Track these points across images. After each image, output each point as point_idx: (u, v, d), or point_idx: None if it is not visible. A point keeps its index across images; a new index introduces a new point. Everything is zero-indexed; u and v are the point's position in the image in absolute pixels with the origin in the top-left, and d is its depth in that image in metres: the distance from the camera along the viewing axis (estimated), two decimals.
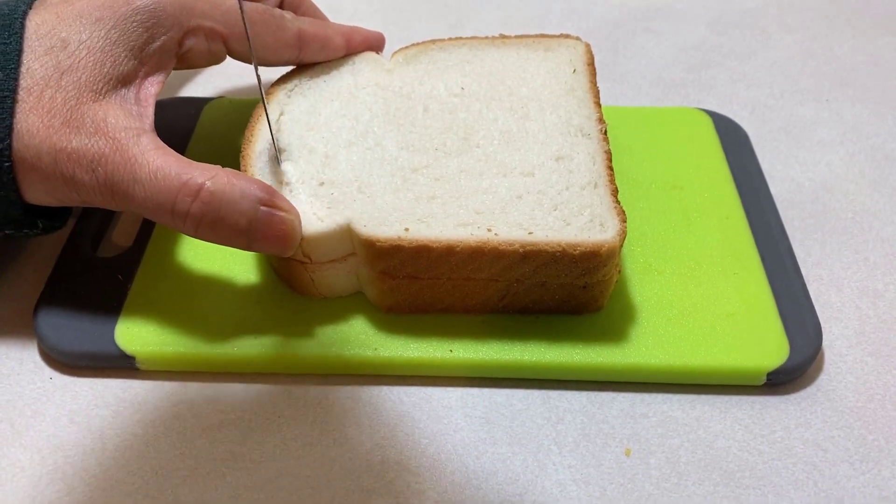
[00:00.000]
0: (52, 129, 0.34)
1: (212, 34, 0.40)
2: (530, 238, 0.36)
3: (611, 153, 0.40)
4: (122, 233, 0.45)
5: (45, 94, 0.35)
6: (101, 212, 0.45)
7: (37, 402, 0.38)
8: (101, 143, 0.35)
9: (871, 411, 0.37)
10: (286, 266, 0.39)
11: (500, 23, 0.63)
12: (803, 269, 0.43)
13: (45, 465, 0.35)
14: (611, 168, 0.40)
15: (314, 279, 0.39)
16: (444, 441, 0.36)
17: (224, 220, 0.35)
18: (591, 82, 0.45)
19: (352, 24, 0.47)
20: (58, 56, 0.36)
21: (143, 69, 0.38)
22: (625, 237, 0.37)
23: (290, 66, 0.45)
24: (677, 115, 0.51)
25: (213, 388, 0.38)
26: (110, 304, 0.40)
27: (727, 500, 0.34)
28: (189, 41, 0.40)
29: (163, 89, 0.39)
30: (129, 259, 0.42)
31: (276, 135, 0.41)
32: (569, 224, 0.37)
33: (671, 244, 0.43)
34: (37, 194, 0.36)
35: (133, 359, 0.38)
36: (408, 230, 0.37)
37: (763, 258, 0.42)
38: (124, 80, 0.37)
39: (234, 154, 0.41)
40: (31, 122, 0.34)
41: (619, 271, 0.39)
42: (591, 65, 0.46)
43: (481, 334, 0.39)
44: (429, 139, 0.42)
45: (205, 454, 0.36)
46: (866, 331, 0.41)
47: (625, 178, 0.46)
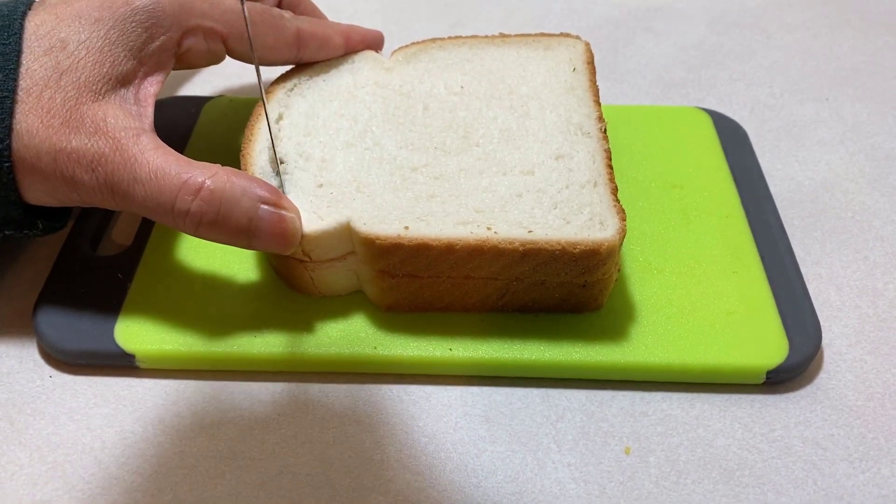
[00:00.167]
0: (51, 130, 0.34)
1: (211, 34, 0.40)
2: (530, 236, 0.36)
3: (610, 152, 0.40)
4: (121, 232, 0.45)
5: (44, 94, 0.35)
6: (100, 211, 0.45)
7: (36, 401, 0.38)
8: (100, 142, 0.35)
9: (870, 410, 0.37)
10: (286, 265, 0.39)
11: (500, 22, 0.63)
12: (803, 268, 0.43)
13: (44, 464, 0.35)
14: (610, 167, 0.40)
15: (314, 278, 0.39)
16: (443, 439, 0.36)
17: (225, 219, 0.35)
18: (591, 81, 0.45)
19: (351, 23, 0.47)
20: (57, 56, 0.36)
21: (143, 69, 0.38)
22: (624, 236, 0.37)
23: (290, 65, 0.45)
24: (677, 115, 0.51)
25: (212, 386, 0.38)
26: (110, 302, 0.40)
27: (727, 498, 0.34)
28: (188, 41, 0.40)
29: (162, 89, 0.39)
30: (129, 258, 0.42)
31: (275, 134, 0.41)
32: (568, 222, 0.37)
33: (671, 243, 0.43)
34: (37, 194, 0.36)
35: (133, 357, 0.38)
36: (407, 228, 0.37)
37: (763, 257, 0.42)
38: (123, 79, 0.37)
39: (234, 153, 0.41)
40: (31, 122, 0.34)
41: (619, 270, 0.39)
42: (591, 63, 0.46)
43: (481, 333, 0.39)
44: (428, 138, 0.42)
45: (204, 452, 0.36)
46: (866, 329, 0.41)
47: (624, 177, 0.46)
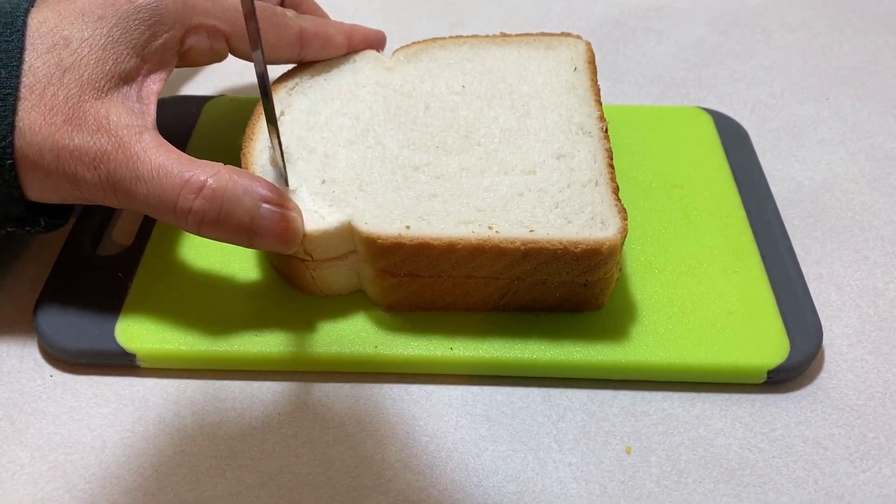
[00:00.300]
0: (54, 127, 0.34)
1: (214, 32, 0.40)
2: (531, 236, 0.36)
3: (612, 151, 0.40)
4: (122, 231, 0.45)
5: (47, 91, 0.35)
6: (101, 210, 0.45)
7: (37, 400, 0.38)
8: (103, 140, 0.35)
9: (871, 409, 0.37)
10: (287, 264, 0.39)
11: (500, 21, 0.63)
12: (803, 268, 0.43)
13: (45, 463, 0.35)
14: (612, 166, 0.40)
15: (315, 277, 0.39)
16: (444, 439, 0.36)
17: (227, 218, 0.35)
18: (592, 80, 0.45)
19: (353, 22, 0.47)
20: (60, 54, 0.35)
21: (145, 67, 0.38)
22: (626, 235, 0.37)
23: (291, 64, 0.45)
24: (678, 114, 0.51)
25: (213, 385, 0.38)
26: (111, 301, 0.40)
27: (728, 497, 0.34)
28: (191, 39, 0.40)
29: (165, 87, 0.39)
30: (130, 257, 0.42)
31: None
32: (570, 222, 0.37)
33: (672, 242, 0.43)
34: (39, 192, 0.36)
35: (133, 356, 0.38)
36: (409, 228, 0.37)
37: (763, 257, 0.42)
38: (126, 77, 0.37)
39: (235, 152, 0.41)
40: (34, 119, 0.34)
41: (620, 269, 0.40)
42: (592, 63, 0.46)
43: (482, 332, 0.39)
44: (430, 137, 0.42)
45: (205, 451, 0.36)
46: (866, 329, 0.41)
47: (625, 177, 0.46)
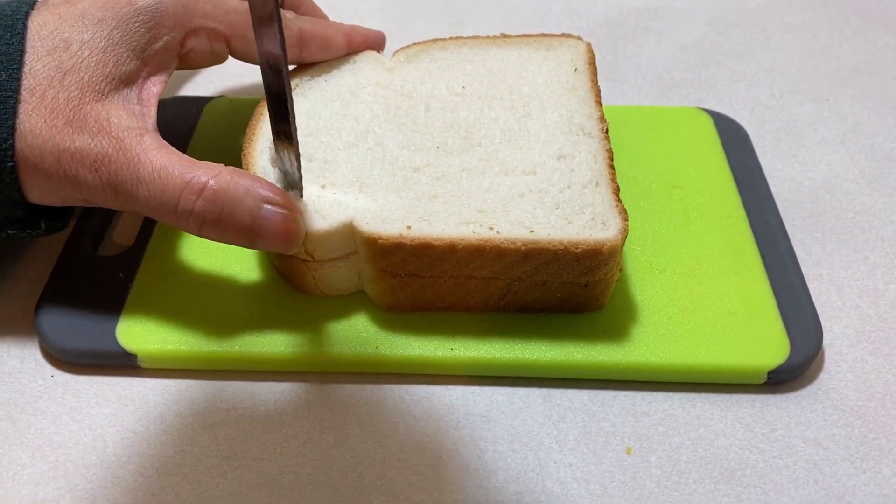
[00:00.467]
0: (54, 129, 0.35)
1: (214, 35, 0.40)
2: (532, 236, 0.36)
3: (612, 152, 0.41)
4: (123, 231, 0.45)
5: (47, 94, 0.35)
6: (101, 210, 0.45)
7: (38, 400, 0.38)
8: (104, 142, 0.35)
9: (871, 410, 0.38)
10: (288, 264, 0.39)
11: (500, 21, 0.63)
12: (803, 269, 0.43)
13: (46, 463, 0.35)
14: (612, 167, 0.40)
15: (316, 277, 0.39)
16: (444, 439, 0.36)
17: (228, 219, 0.35)
18: (593, 81, 0.45)
19: (352, 23, 0.47)
20: (60, 56, 0.36)
21: (146, 69, 0.38)
22: (626, 236, 0.37)
23: (292, 65, 0.45)
24: (678, 115, 0.51)
25: (214, 385, 0.38)
26: (111, 302, 0.40)
27: (728, 498, 0.34)
28: (191, 42, 0.40)
29: (165, 89, 0.39)
30: (131, 257, 0.42)
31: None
32: (570, 222, 0.37)
33: (672, 243, 0.43)
34: (40, 194, 0.36)
35: (134, 357, 0.38)
36: (410, 228, 0.37)
37: (763, 257, 0.42)
38: (127, 79, 0.37)
39: (236, 153, 0.41)
40: (34, 122, 0.34)
41: (621, 270, 0.40)
42: (593, 64, 0.46)
43: (482, 333, 0.39)
44: (430, 138, 0.42)
45: (206, 452, 0.36)
46: (867, 330, 0.41)
47: (625, 178, 0.46)
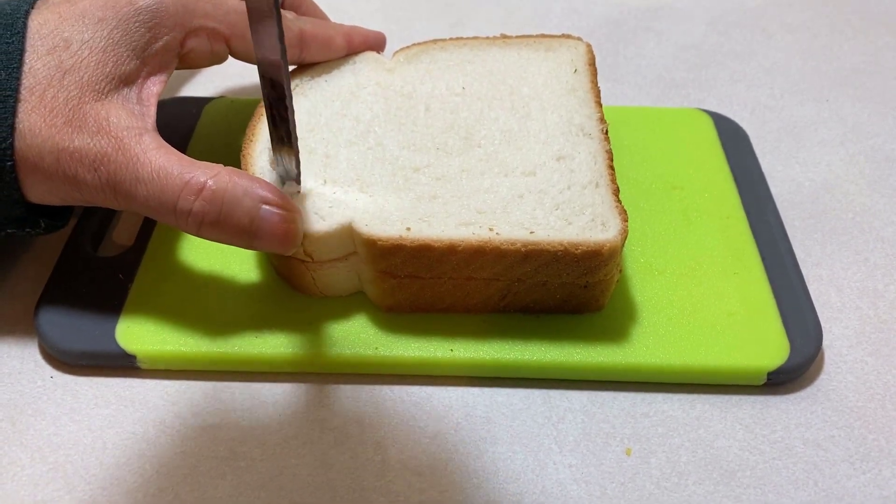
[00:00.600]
0: (54, 129, 0.34)
1: (214, 35, 0.40)
2: (532, 237, 0.36)
3: (612, 153, 0.40)
4: (122, 232, 0.45)
5: (47, 93, 0.35)
6: (101, 211, 0.45)
7: (37, 401, 0.38)
8: (103, 142, 0.35)
9: (871, 411, 0.38)
10: (287, 265, 0.39)
11: (500, 22, 0.63)
12: (803, 269, 0.43)
13: (45, 464, 0.35)
14: (612, 168, 0.40)
15: (315, 278, 0.39)
16: (444, 440, 0.36)
17: (227, 219, 0.35)
18: (592, 82, 0.45)
19: (353, 23, 0.47)
20: (60, 56, 0.35)
21: (146, 69, 0.38)
22: (626, 236, 0.37)
23: (291, 66, 0.45)
24: (678, 116, 0.51)
25: (213, 386, 0.38)
26: (111, 303, 0.40)
27: (727, 499, 0.34)
28: (191, 42, 0.40)
29: (165, 89, 0.39)
30: (130, 258, 0.42)
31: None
32: (570, 223, 0.37)
33: (672, 244, 0.43)
34: (39, 193, 0.36)
35: (134, 358, 0.38)
36: (409, 229, 0.37)
37: (763, 258, 0.42)
38: (126, 79, 0.37)
39: (235, 153, 0.41)
40: (34, 121, 0.34)
41: (620, 271, 0.40)
42: (593, 65, 0.46)
43: (482, 334, 0.39)
44: (430, 139, 0.42)
45: (205, 453, 0.36)
46: (866, 331, 0.41)
47: (625, 179, 0.46)
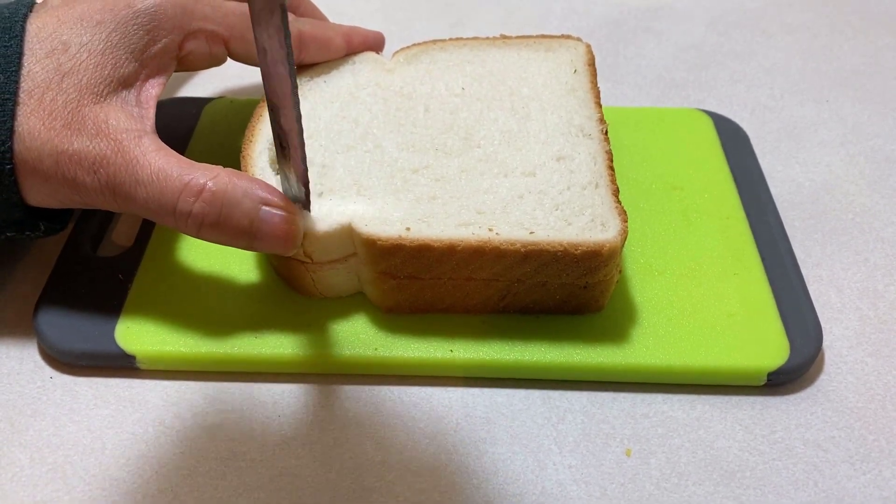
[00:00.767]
0: (53, 132, 0.34)
1: (213, 37, 0.40)
2: (531, 238, 0.36)
3: (612, 153, 0.40)
4: (122, 232, 0.45)
5: (45, 96, 0.35)
6: (101, 212, 0.45)
7: (37, 402, 0.38)
8: (102, 144, 0.35)
9: (871, 412, 0.37)
10: (287, 266, 0.39)
11: (500, 22, 0.63)
12: (803, 270, 0.43)
13: (44, 465, 0.35)
14: (612, 168, 0.40)
15: (315, 279, 0.39)
16: (444, 441, 0.36)
17: (226, 221, 0.35)
18: (592, 83, 0.45)
19: (352, 23, 0.47)
20: (59, 59, 0.35)
21: (144, 71, 0.38)
22: (626, 237, 0.37)
23: None
24: (678, 116, 0.51)
25: (213, 387, 0.38)
26: (110, 303, 0.40)
27: (727, 500, 0.34)
28: (190, 44, 0.40)
29: (164, 91, 0.39)
30: (130, 259, 0.42)
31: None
32: (570, 224, 0.37)
33: (672, 245, 0.43)
34: (38, 196, 0.36)
35: (133, 358, 0.38)
36: (409, 230, 0.37)
37: (763, 259, 0.42)
38: (125, 82, 0.37)
39: (235, 154, 0.41)
40: (33, 124, 0.34)
41: (620, 271, 0.39)
42: (592, 65, 0.46)
43: (482, 334, 0.39)
44: (430, 139, 0.42)
45: (205, 454, 0.36)
46: (866, 331, 0.41)
47: (625, 179, 0.46)
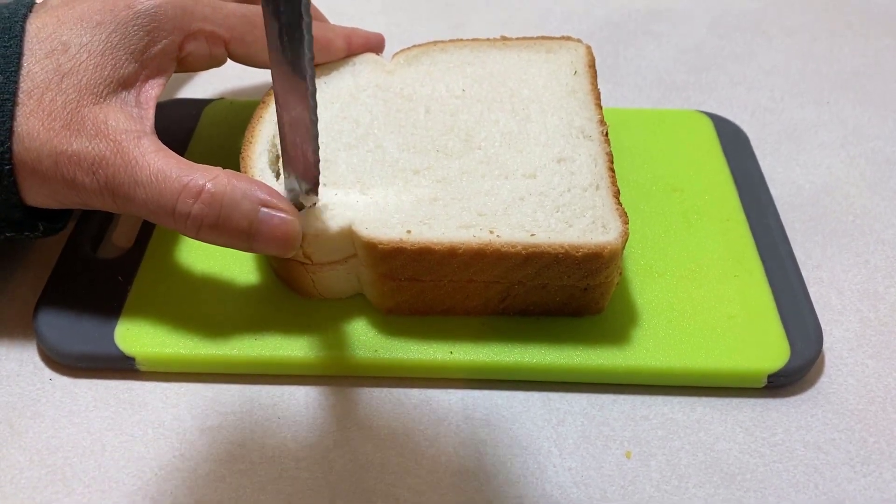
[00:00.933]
0: (52, 132, 0.34)
1: (213, 38, 0.40)
2: (532, 240, 0.36)
3: (612, 155, 0.40)
4: (122, 234, 0.45)
5: (45, 97, 0.35)
6: (100, 213, 0.45)
7: (36, 404, 0.38)
8: (101, 145, 0.35)
9: (871, 414, 0.37)
10: (287, 267, 0.39)
11: (500, 24, 0.63)
12: (804, 272, 0.43)
13: (44, 467, 0.35)
14: (612, 170, 0.40)
15: (315, 280, 0.39)
16: (444, 443, 0.36)
17: (225, 222, 0.35)
18: (593, 84, 0.45)
19: (353, 24, 0.47)
20: (58, 59, 0.35)
21: (144, 72, 0.38)
22: (627, 239, 0.37)
23: None
24: (678, 118, 0.51)
25: (212, 389, 0.38)
26: (110, 305, 0.40)
27: (728, 502, 0.34)
28: (190, 45, 0.40)
29: (163, 92, 0.39)
30: (129, 260, 0.42)
31: (277, 140, 0.41)
32: (571, 226, 0.37)
33: (672, 247, 0.43)
34: (37, 197, 0.36)
35: (133, 360, 0.38)
36: (410, 232, 0.37)
37: (764, 261, 0.42)
38: (125, 83, 0.37)
39: (235, 155, 0.41)
40: (32, 125, 0.34)
41: (621, 273, 0.39)
42: (593, 67, 0.46)
43: (482, 336, 0.39)
44: (430, 141, 0.42)
45: (204, 455, 0.36)
46: (867, 333, 0.41)
47: (625, 181, 0.46)
